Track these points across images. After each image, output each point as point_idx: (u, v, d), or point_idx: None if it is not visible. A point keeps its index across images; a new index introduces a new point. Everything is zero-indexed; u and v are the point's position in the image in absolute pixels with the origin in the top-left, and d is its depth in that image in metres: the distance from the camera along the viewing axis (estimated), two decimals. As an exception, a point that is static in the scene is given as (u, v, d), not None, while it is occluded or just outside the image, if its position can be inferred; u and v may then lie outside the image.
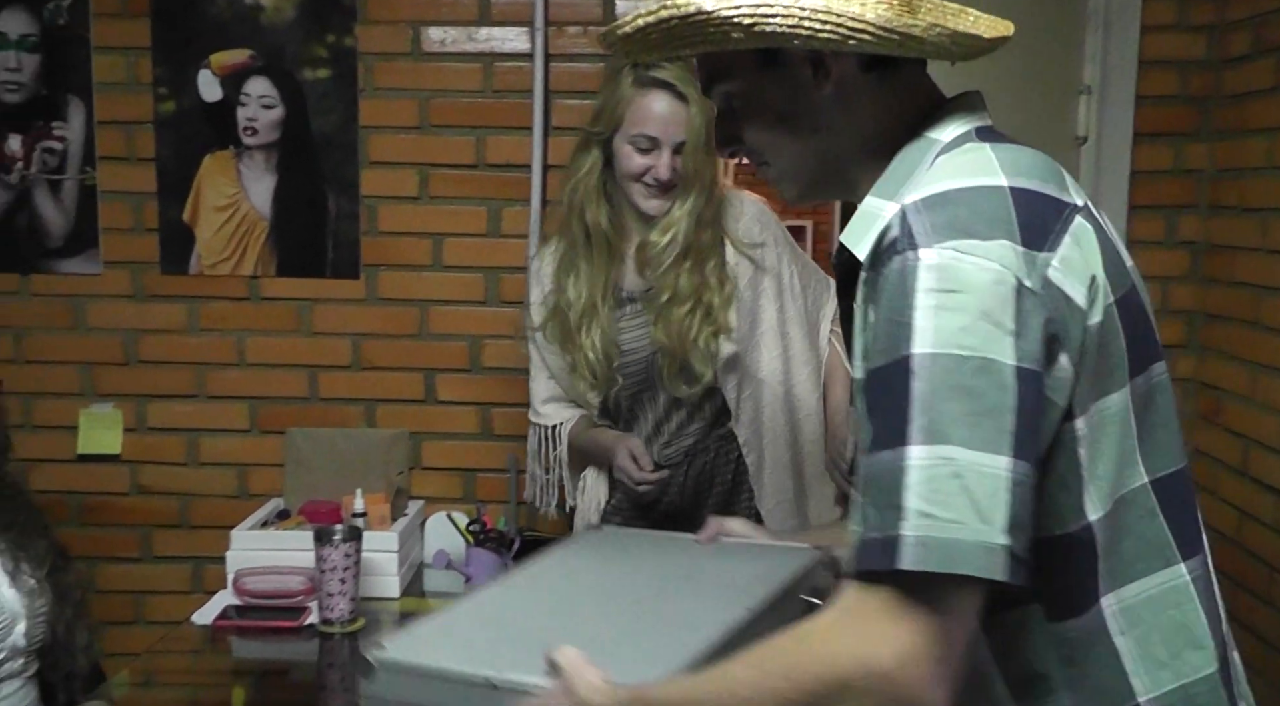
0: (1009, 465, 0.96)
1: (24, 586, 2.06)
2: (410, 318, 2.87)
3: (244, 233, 2.88)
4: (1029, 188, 1.07)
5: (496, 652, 1.31)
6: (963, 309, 0.99)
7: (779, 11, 1.10)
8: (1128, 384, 1.09)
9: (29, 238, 2.92)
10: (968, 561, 0.94)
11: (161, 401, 2.94)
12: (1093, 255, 1.07)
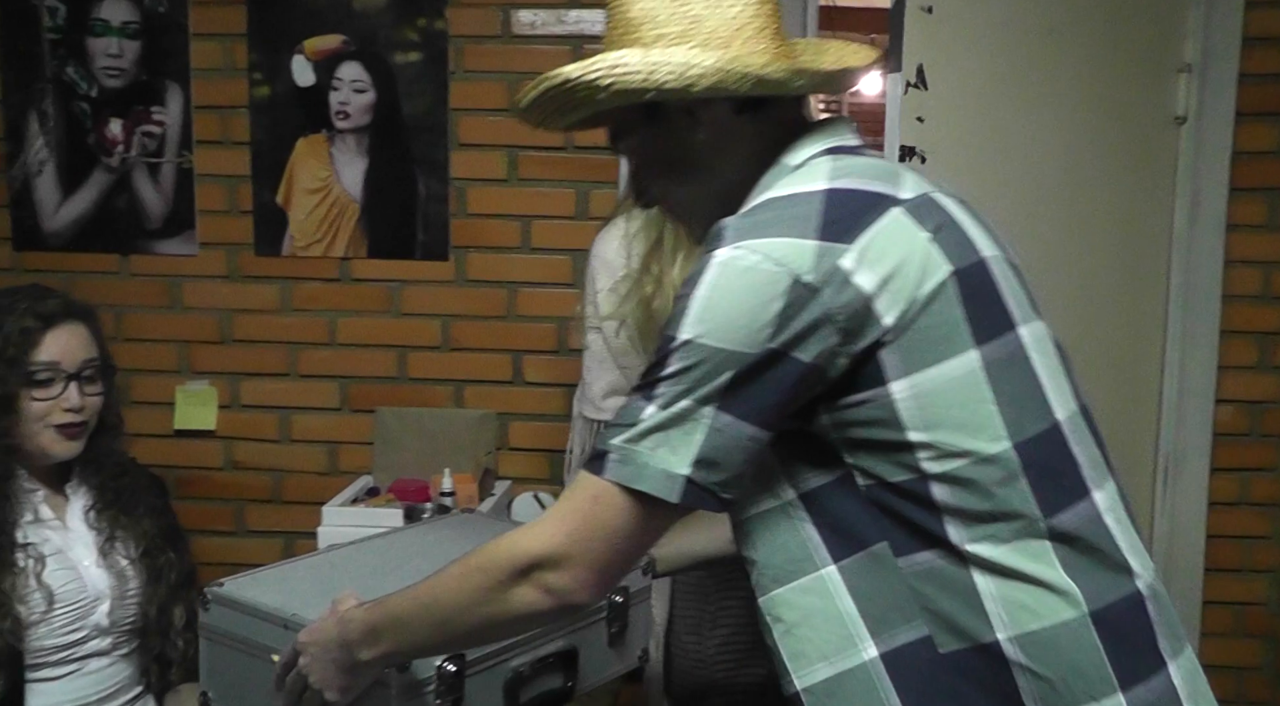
0: (714, 417, 1.15)
1: (114, 566, 2.09)
2: (498, 299, 2.90)
3: (335, 215, 2.92)
4: (847, 187, 1.21)
5: (308, 598, 1.53)
6: (726, 303, 1.15)
7: (631, 70, 1.24)
8: (973, 351, 1.19)
9: (128, 219, 2.99)
10: (647, 479, 1.15)
11: (255, 379, 3.00)
12: (907, 241, 1.18)
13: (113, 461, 2.17)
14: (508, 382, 2.92)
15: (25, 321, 1.98)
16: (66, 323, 2.04)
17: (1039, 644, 1.17)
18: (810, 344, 1.15)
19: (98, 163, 2.98)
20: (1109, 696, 1.18)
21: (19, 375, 1.97)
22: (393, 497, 2.72)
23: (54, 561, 2.00)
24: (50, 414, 2.01)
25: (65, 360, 2.02)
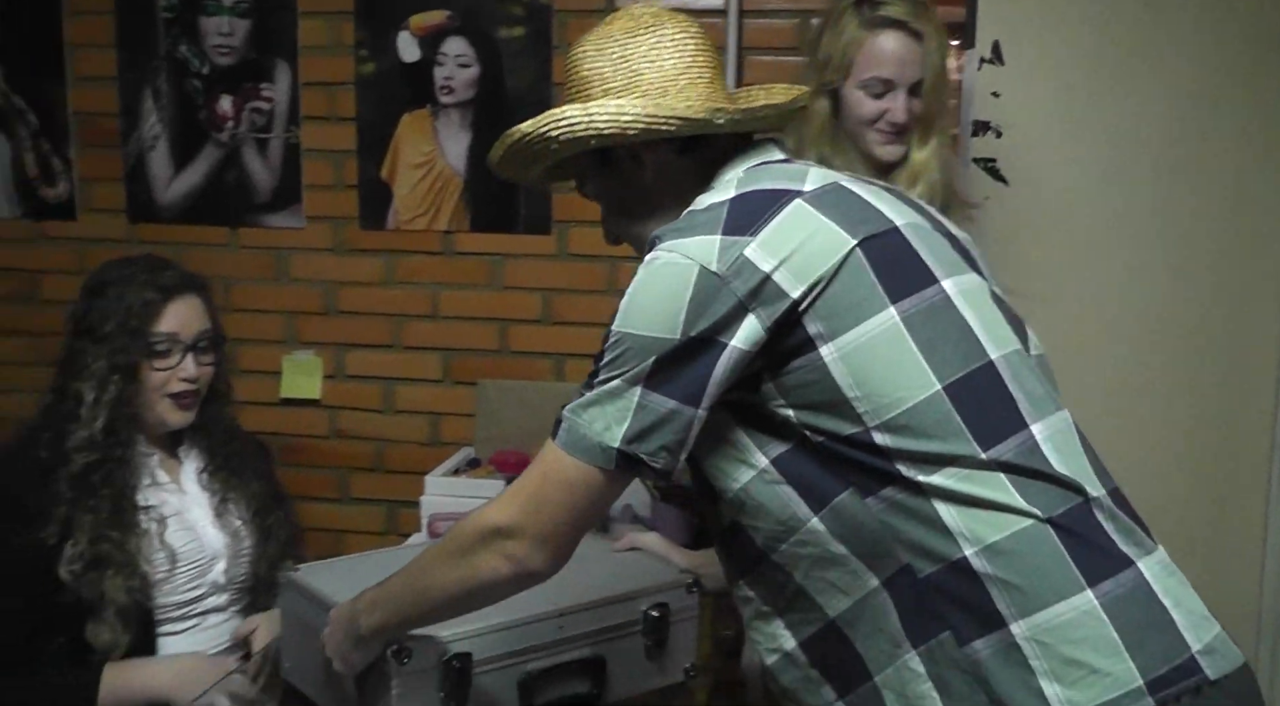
0: (640, 396, 1.31)
1: (228, 526, 2.16)
2: (600, 273, 2.92)
3: (439, 189, 2.96)
4: (753, 190, 1.37)
5: None
6: (646, 296, 1.33)
7: (574, 121, 1.42)
8: (890, 308, 1.31)
9: (238, 193, 3.06)
10: (585, 451, 1.33)
11: (359, 350, 3.06)
12: (806, 224, 1.32)
13: (222, 428, 2.23)
14: (608, 357, 2.93)
15: (146, 293, 2.03)
16: (184, 295, 2.09)
17: (1003, 553, 1.27)
18: (726, 327, 1.29)
19: (208, 138, 3.05)
20: (1078, 593, 1.27)
21: (140, 346, 2.02)
22: (494, 469, 2.76)
23: (174, 522, 2.06)
24: (167, 383, 2.07)
25: (183, 331, 2.07)
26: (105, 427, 1.99)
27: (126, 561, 1.96)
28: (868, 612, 1.36)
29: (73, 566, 1.91)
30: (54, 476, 1.95)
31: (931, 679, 1.32)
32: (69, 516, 1.93)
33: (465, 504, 2.59)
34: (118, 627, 1.92)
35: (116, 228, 3.12)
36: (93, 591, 1.92)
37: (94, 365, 1.99)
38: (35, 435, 2.01)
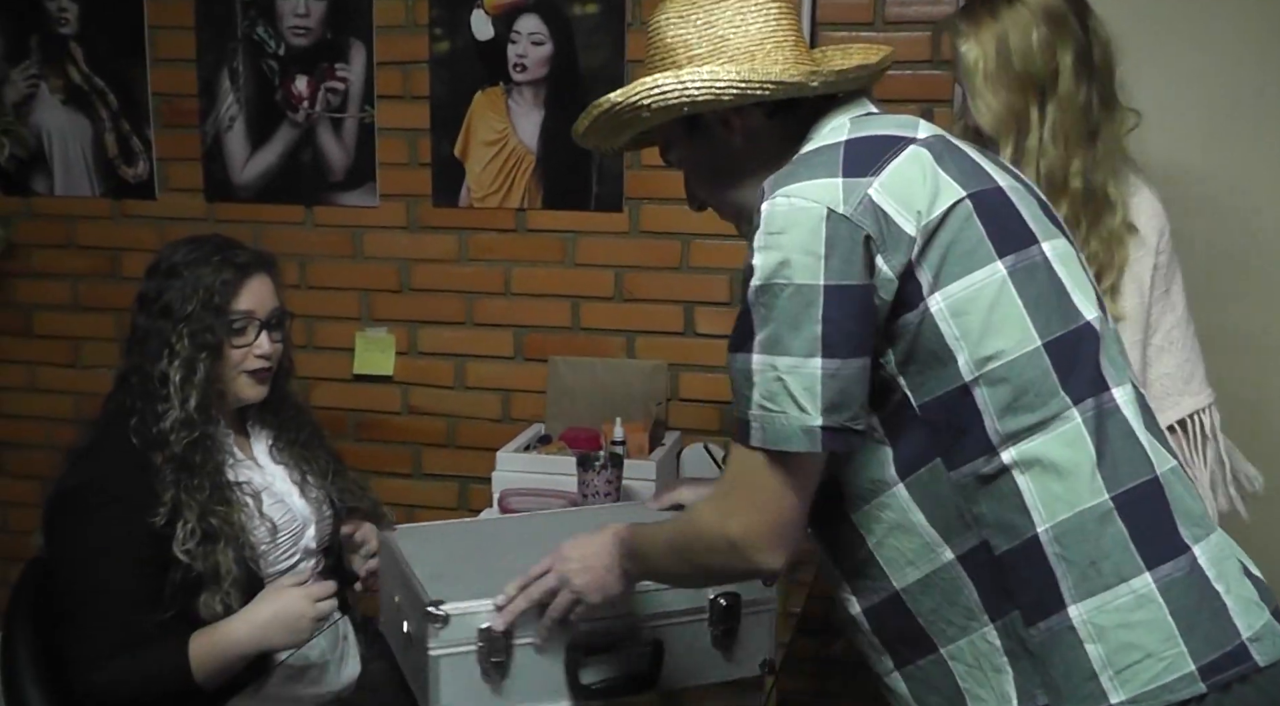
0: (820, 364, 1.27)
1: (309, 495, 2.20)
2: (672, 250, 2.91)
3: (512, 167, 2.97)
4: (866, 135, 1.38)
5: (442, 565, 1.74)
6: (780, 246, 1.29)
7: (667, 89, 1.42)
8: (997, 262, 1.33)
9: (313, 172, 3.09)
10: (791, 440, 1.29)
11: (432, 327, 3.08)
12: (924, 171, 1.33)
13: (288, 402, 2.26)
14: (679, 334, 2.93)
15: (224, 273, 2.04)
16: (258, 273, 2.11)
17: (1070, 532, 1.30)
18: (865, 271, 1.28)
19: (284, 118, 3.09)
20: (1137, 576, 1.30)
21: (223, 324, 2.05)
22: (564, 445, 2.77)
23: (266, 495, 2.09)
24: (245, 360, 2.09)
25: (259, 309, 2.09)
26: (198, 406, 2.01)
27: (235, 534, 1.99)
28: (938, 586, 1.38)
29: (187, 545, 1.93)
30: (151, 461, 1.97)
31: (1006, 653, 1.35)
32: (176, 499, 1.95)
33: (536, 480, 2.61)
34: (232, 598, 1.95)
35: (194, 206, 3.17)
36: (207, 565, 1.94)
37: (177, 345, 2.00)
38: (121, 421, 2.02)
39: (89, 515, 1.94)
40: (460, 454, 3.09)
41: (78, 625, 1.90)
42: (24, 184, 3.27)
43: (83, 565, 1.93)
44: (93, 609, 1.90)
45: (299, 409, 2.28)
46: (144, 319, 2.06)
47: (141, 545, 1.92)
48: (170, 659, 1.87)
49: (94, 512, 1.94)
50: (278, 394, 2.20)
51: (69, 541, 1.95)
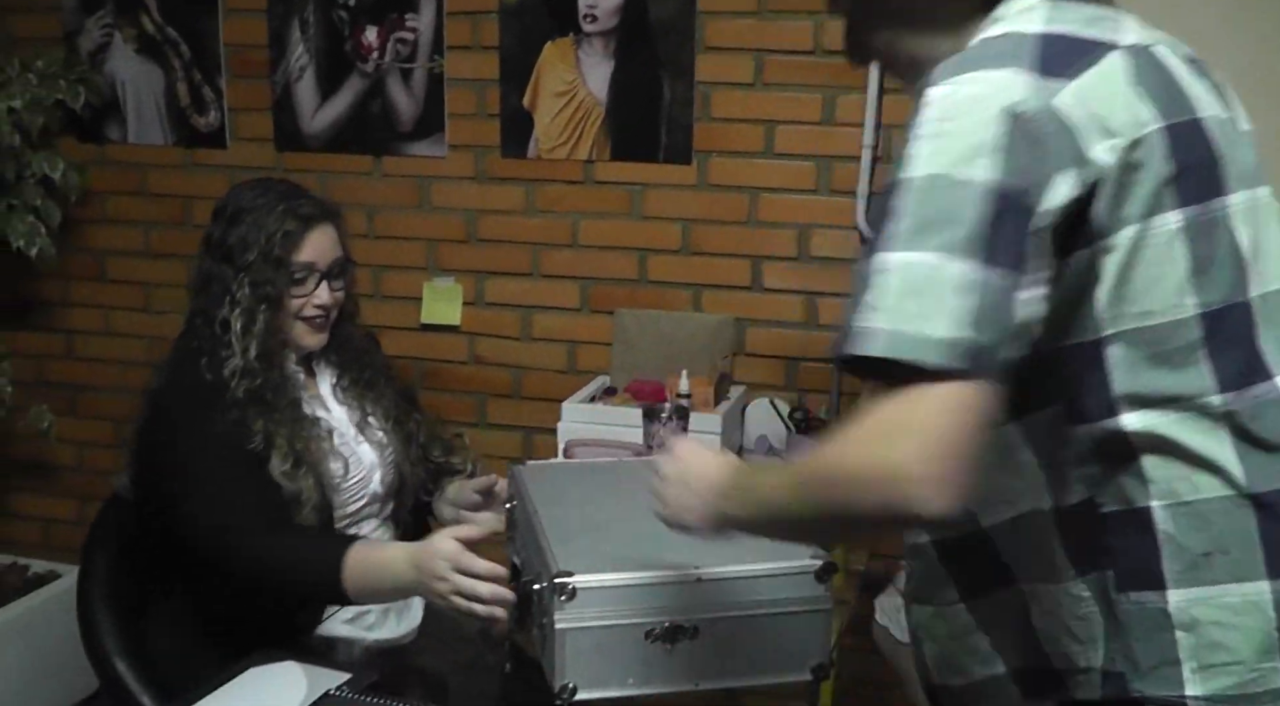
0: (976, 269, 1.06)
1: (373, 438, 2.20)
2: (740, 204, 2.89)
3: (580, 118, 2.96)
4: (1062, 32, 1.18)
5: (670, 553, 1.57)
6: (949, 135, 1.11)
7: None
8: (1175, 211, 1.17)
9: (381, 122, 3.10)
10: (932, 351, 1.04)
11: (499, 278, 3.09)
12: (1120, 90, 1.16)
13: (352, 346, 2.27)
14: (746, 288, 2.92)
15: (288, 224, 2.04)
16: (321, 224, 2.11)
17: (1191, 515, 1.19)
18: (1038, 184, 1.10)
19: (353, 68, 3.09)
20: (1254, 581, 1.18)
21: (283, 276, 2.06)
22: (630, 397, 2.77)
23: (335, 436, 2.12)
24: (302, 309, 2.10)
25: (319, 260, 2.10)
26: (259, 355, 2.03)
27: (316, 462, 2.02)
28: (1029, 530, 1.26)
29: (284, 466, 1.96)
30: (231, 397, 1.99)
31: (1092, 606, 1.24)
32: (266, 429, 1.97)
33: (601, 431, 2.63)
34: (312, 521, 1.98)
35: (264, 156, 3.19)
36: (293, 489, 1.97)
37: (239, 294, 2.02)
38: (193, 360, 2.04)
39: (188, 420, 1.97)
40: (525, 404, 3.10)
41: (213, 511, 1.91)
42: (98, 132, 3.31)
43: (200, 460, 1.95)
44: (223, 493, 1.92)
45: (362, 352, 2.29)
46: (208, 262, 2.08)
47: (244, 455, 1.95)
48: (329, 549, 1.87)
49: (191, 418, 1.97)
50: (340, 337, 2.22)
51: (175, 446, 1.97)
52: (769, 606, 1.59)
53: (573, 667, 1.55)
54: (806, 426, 2.67)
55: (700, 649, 1.58)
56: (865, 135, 2.75)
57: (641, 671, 1.57)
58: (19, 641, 3.05)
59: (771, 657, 1.61)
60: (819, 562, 1.60)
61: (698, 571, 1.57)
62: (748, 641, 1.60)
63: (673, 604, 1.56)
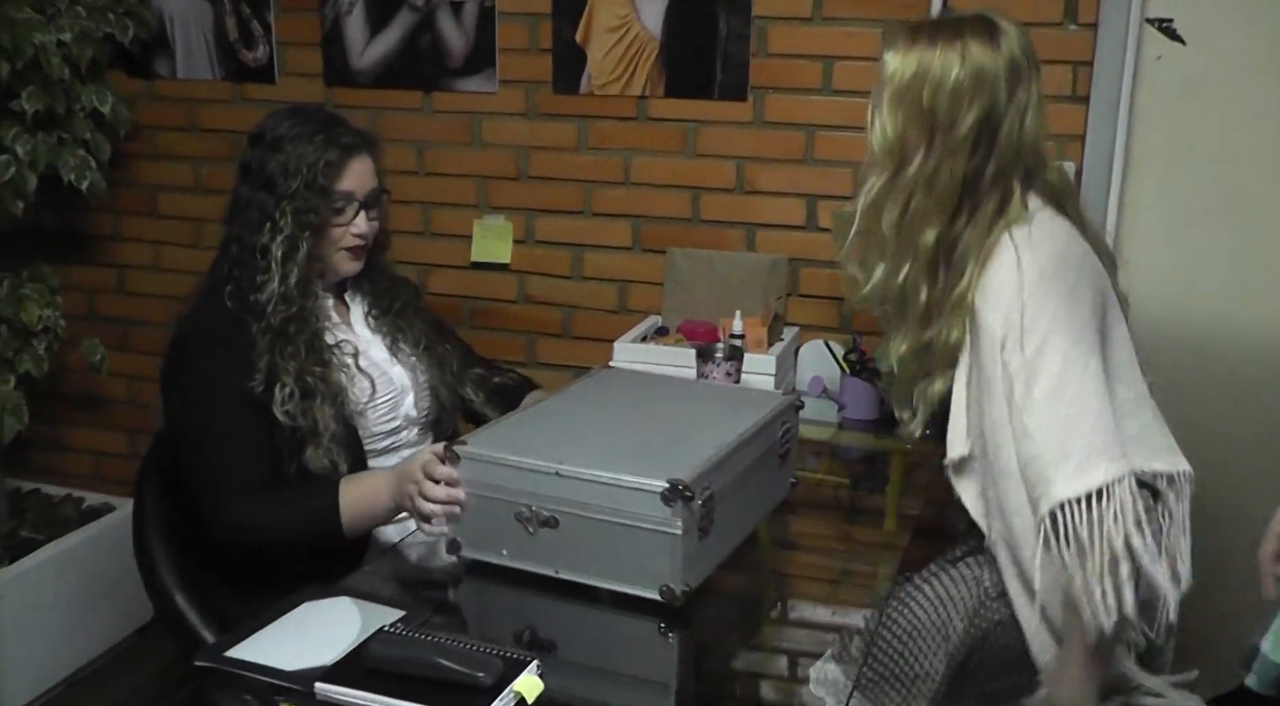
0: None
1: (405, 363, 2.24)
2: (796, 142, 2.84)
3: (634, 53, 2.91)
4: None
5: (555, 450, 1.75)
6: None
7: None
8: None
9: (432, 57, 3.06)
10: None
11: (550, 216, 3.06)
12: None
13: (384, 274, 2.31)
14: (801, 228, 2.87)
15: (329, 152, 2.06)
16: (360, 153, 2.13)
17: None
18: None
19: (404, 3, 3.05)
20: None
21: (325, 205, 2.06)
22: (682, 337, 2.75)
23: (362, 359, 2.12)
24: (343, 238, 2.12)
25: (359, 189, 2.12)
26: (298, 282, 2.04)
27: (332, 391, 2.04)
28: None
29: (286, 406, 1.98)
30: (247, 327, 2.01)
31: None
32: (271, 363, 1.99)
33: (653, 371, 2.60)
34: (335, 453, 2.00)
35: (313, 91, 3.16)
36: (307, 421, 1.99)
37: (280, 221, 2.03)
38: (219, 287, 2.06)
39: (198, 361, 2.01)
40: (575, 344, 3.08)
41: (205, 467, 1.95)
42: (147, 66, 3.30)
43: (200, 408, 1.99)
44: (217, 449, 1.96)
45: (393, 280, 2.33)
46: (246, 189, 2.09)
47: (245, 394, 1.97)
48: (318, 500, 1.91)
49: (201, 358, 2.01)
50: (374, 266, 2.25)
51: (183, 389, 2.02)
52: (621, 516, 1.69)
53: (459, 526, 1.79)
54: (861, 368, 2.63)
55: (560, 539, 1.72)
56: (926, 71, 2.69)
57: (514, 547, 1.76)
58: (74, 573, 3.09)
59: (623, 566, 1.70)
60: (664, 484, 1.65)
61: (557, 465, 1.71)
62: (601, 544, 1.70)
63: (538, 492, 1.72)
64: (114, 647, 3.22)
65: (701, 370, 2.43)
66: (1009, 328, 1.67)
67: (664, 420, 1.93)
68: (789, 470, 2.09)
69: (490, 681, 1.41)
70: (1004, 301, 1.69)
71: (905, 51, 1.77)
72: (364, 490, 1.93)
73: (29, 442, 3.37)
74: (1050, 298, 1.67)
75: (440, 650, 1.46)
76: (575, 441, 1.80)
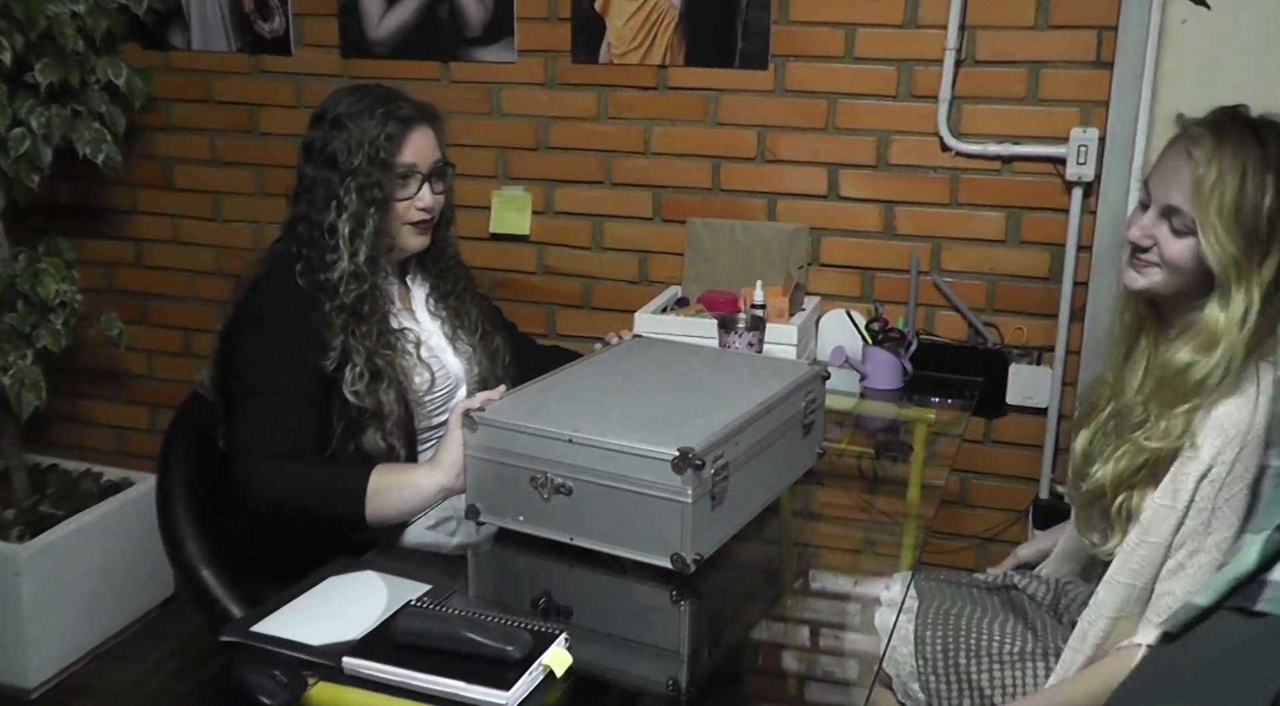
0: None
1: (463, 352, 2.22)
2: (817, 110, 2.81)
3: (654, 21, 2.88)
4: None
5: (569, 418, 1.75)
6: None
7: None
8: None
9: (449, 27, 3.03)
10: None
11: (569, 186, 3.04)
12: None
13: (448, 253, 2.28)
14: (822, 197, 2.84)
15: (389, 126, 2.04)
16: (421, 125, 2.11)
17: None
18: None
19: (421, -29, 3.02)
20: None
21: (390, 178, 2.05)
22: (703, 308, 2.73)
23: (423, 348, 2.11)
24: (408, 212, 2.10)
25: (421, 162, 2.10)
26: (368, 259, 2.03)
27: (398, 377, 2.02)
28: None
29: (356, 387, 1.97)
30: (319, 304, 1.99)
31: None
32: (345, 344, 1.98)
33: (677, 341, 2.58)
34: (395, 437, 1.99)
35: (330, 63, 3.14)
36: (373, 402, 1.98)
37: (345, 198, 2.01)
38: (288, 264, 2.04)
39: (269, 325, 1.97)
40: (596, 315, 3.06)
41: (252, 424, 1.92)
42: (162, 38, 3.27)
43: (261, 368, 1.95)
44: (270, 409, 1.92)
45: (456, 260, 2.31)
46: (310, 168, 2.08)
47: (313, 369, 1.95)
48: (349, 480, 1.87)
49: (273, 324, 1.97)
50: (438, 243, 2.23)
51: (251, 348, 1.97)
52: (632, 483, 1.67)
53: (476, 492, 1.80)
54: (884, 337, 2.61)
55: (574, 506, 1.72)
56: (948, 37, 2.65)
57: (530, 512, 1.76)
58: (95, 548, 3.09)
59: (635, 533, 1.69)
60: (674, 452, 1.63)
61: (570, 432, 1.70)
62: (614, 511, 1.69)
63: (553, 458, 1.72)
64: (137, 621, 3.23)
65: (723, 340, 2.41)
66: (1219, 460, 1.67)
67: (687, 389, 1.92)
68: (814, 440, 2.07)
69: (519, 655, 1.40)
70: (1228, 433, 1.67)
71: (1219, 162, 1.68)
72: (396, 471, 1.90)
73: (48, 418, 3.38)
74: (1259, 451, 1.66)
75: (468, 624, 1.45)
76: (593, 410, 1.80)
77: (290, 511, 1.87)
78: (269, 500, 1.86)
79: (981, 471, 2.87)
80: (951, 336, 2.81)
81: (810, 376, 2.02)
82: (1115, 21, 2.58)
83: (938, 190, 2.76)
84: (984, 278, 2.78)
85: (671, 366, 2.04)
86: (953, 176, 2.74)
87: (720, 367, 2.05)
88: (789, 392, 1.93)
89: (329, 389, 1.97)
